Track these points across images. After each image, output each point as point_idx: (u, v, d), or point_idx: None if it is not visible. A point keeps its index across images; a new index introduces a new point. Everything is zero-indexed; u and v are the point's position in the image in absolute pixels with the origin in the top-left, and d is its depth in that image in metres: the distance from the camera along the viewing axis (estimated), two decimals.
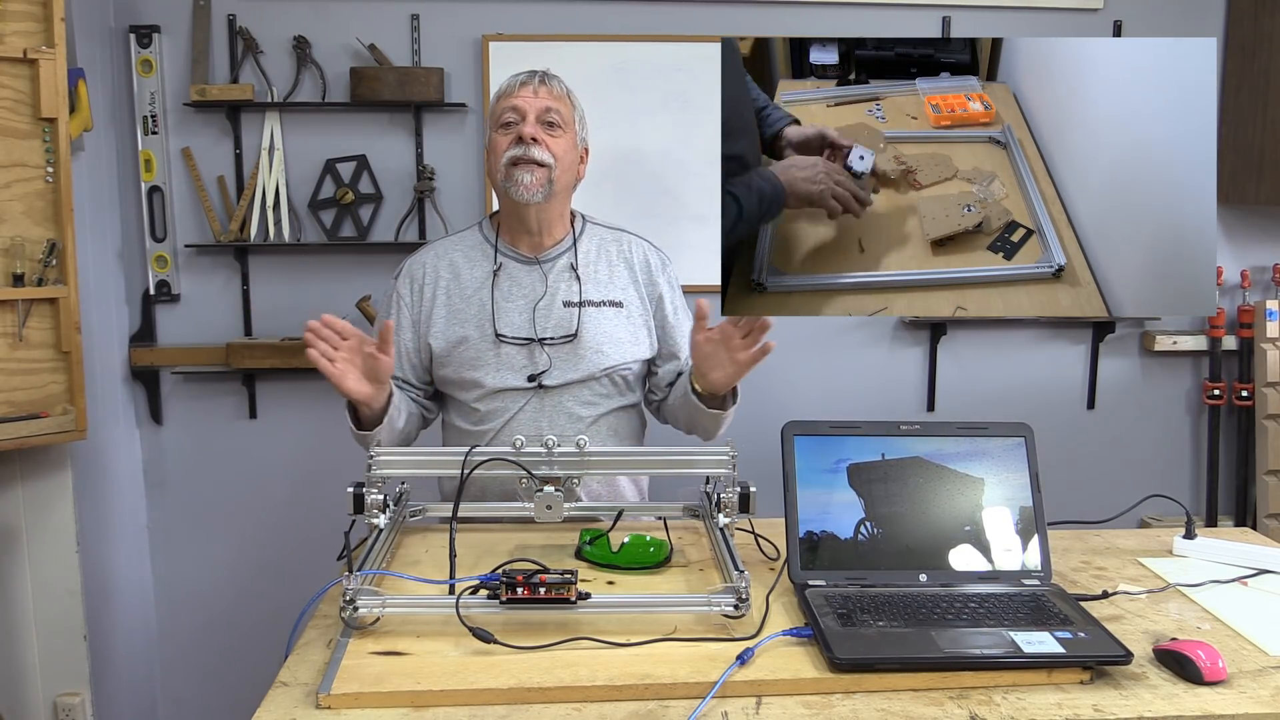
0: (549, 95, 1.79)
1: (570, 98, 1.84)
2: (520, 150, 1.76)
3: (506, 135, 1.79)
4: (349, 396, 1.68)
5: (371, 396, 1.68)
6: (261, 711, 1.12)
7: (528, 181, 1.76)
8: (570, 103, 1.84)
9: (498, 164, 1.79)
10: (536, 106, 1.78)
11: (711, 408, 1.77)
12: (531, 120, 1.77)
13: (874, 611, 1.29)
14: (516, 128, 1.77)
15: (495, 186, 1.84)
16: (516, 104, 1.78)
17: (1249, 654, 1.26)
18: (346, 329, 1.64)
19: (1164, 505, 1.88)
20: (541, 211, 1.81)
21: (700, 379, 1.75)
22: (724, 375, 1.70)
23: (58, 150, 2.01)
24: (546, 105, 1.78)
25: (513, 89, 1.80)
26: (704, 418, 1.79)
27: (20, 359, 2.01)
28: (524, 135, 1.76)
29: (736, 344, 1.66)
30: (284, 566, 2.60)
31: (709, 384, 1.73)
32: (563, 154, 1.79)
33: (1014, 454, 1.47)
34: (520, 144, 1.76)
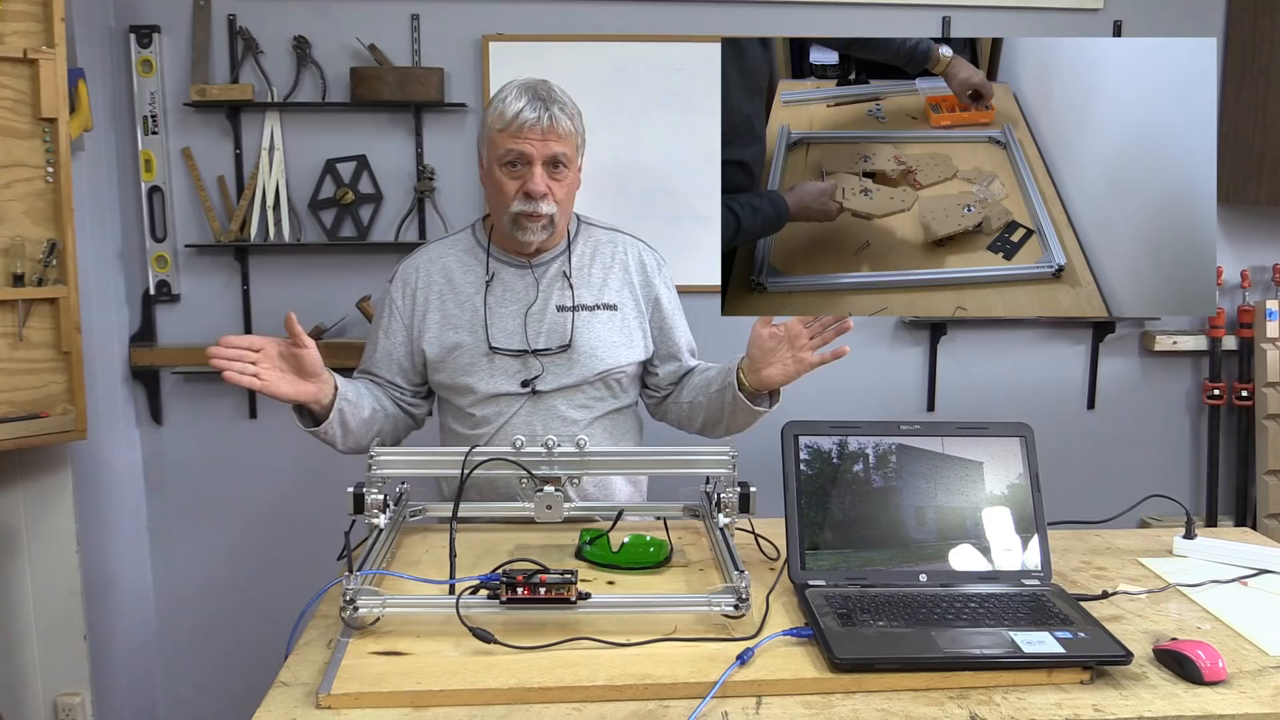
0: (556, 137, 1.70)
1: (574, 120, 1.74)
2: (529, 206, 1.71)
3: (511, 178, 1.72)
4: (291, 400, 1.63)
5: (315, 394, 1.64)
6: (261, 711, 1.12)
7: (534, 229, 1.74)
8: (576, 128, 1.75)
9: (502, 205, 1.74)
10: (544, 154, 1.70)
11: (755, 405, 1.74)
12: (539, 173, 1.70)
13: (874, 611, 1.29)
14: (522, 172, 1.71)
15: (494, 215, 1.81)
16: (524, 150, 1.69)
17: (1249, 654, 1.26)
18: (254, 341, 1.60)
19: (1164, 505, 1.88)
20: (541, 243, 1.80)
21: (751, 373, 1.70)
22: (781, 373, 1.67)
23: (58, 150, 2.01)
24: (553, 150, 1.70)
25: (520, 127, 1.68)
26: (742, 414, 1.75)
27: (20, 359, 2.01)
28: (532, 193, 1.70)
29: (802, 343, 1.64)
30: (284, 566, 2.60)
31: (760, 380, 1.69)
32: (567, 195, 1.76)
33: (1014, 454, 1.47)
34: (529, 199, 1.71)
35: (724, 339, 2.31)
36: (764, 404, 1.75)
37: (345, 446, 1.76)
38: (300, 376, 1.64)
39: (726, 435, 1.83)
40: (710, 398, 1.81)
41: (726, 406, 1.77)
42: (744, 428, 1.80)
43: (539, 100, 1.70)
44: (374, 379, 1.86)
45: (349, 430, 1.73)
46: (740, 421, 1.79)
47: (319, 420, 1.70)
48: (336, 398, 1.68)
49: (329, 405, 1.67)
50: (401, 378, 1.86)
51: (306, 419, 1.71)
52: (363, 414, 1.75)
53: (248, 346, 1.59)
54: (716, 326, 2.00)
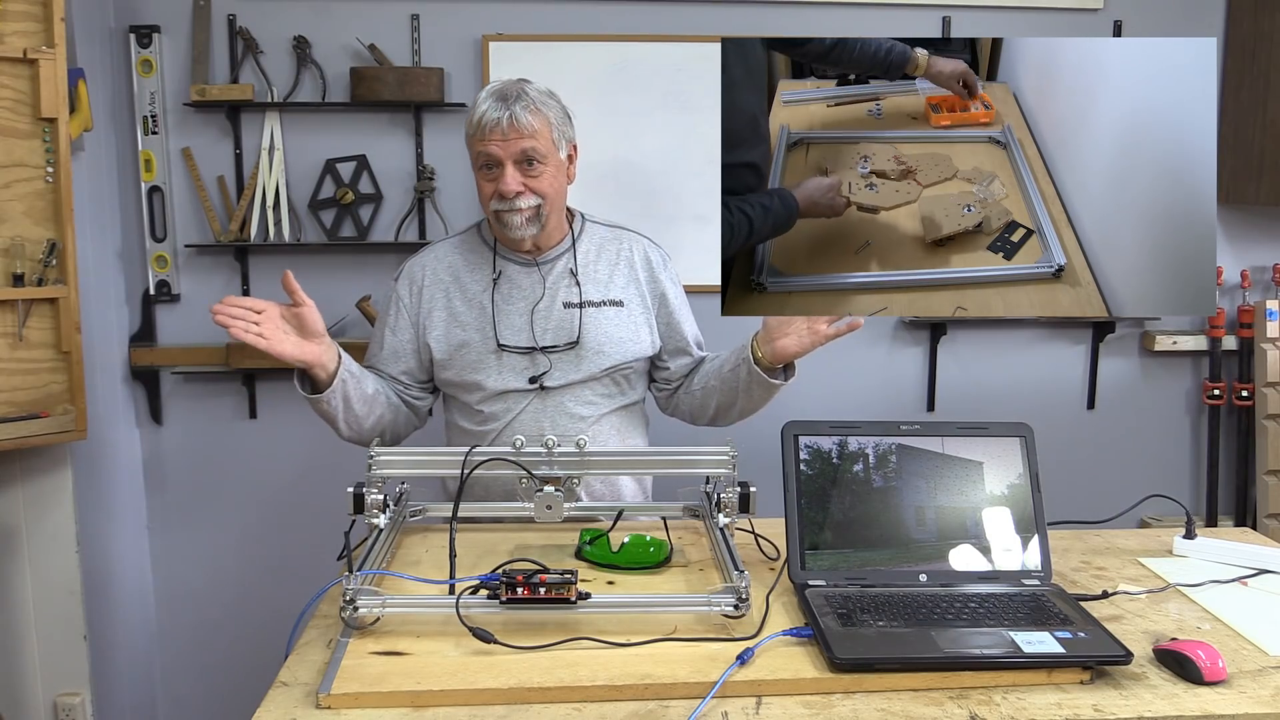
0: (518, 133, 1.70)
1: (544, 112, 1.74)
2: (504, 205, 1.74)
3: (488, 180, 1.75)
4: (296, 361, 1.63)
5: (318, 355, 1.64)
6: (261, 711, 1.12)
7: (518, 222, 1.75)
8: (546, 119, 1.74)
9: (485, 206, 1.78)
10: (510, 152, 1.72)
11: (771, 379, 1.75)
12: (509, 171, 1.72)
13: (874, 611, 1.29)
14: (495, 173, 1.73)
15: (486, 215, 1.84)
16: (490, 151, 1.72)
17: (1249, 654, 1.26)
18: (256, 303, 1.60)
19: (1164, 505, 1.88)
20: (536, 237, 1.80)
21: (766, 344, 1.72)
22: (796, 344, 1.69)
23: (58, 150, 2.01)
24: (520, 148, 1.71)
25: (485, 130, 1.71)
26: (758, 389, 1.76)
27: (20, 359, 2.01)
28: (504, 193, 1.73)
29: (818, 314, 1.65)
30: (284, 566, 2.60)
31: (775, 351, 1.71)
32: (548, 186, 1.76)
33: (1014, 454, 1.47)
34: (503, 199, 1.74)
35: (724, 339, 2.31)
36: (780, 377, 1.76)
37: (346, 424, 1.74)
38: (303, 338, 1.64)
39: (740, 419, 1.84)
40: (724, 379, 1.82)
41: (741, 385, 1.78)
42: (759, 406, 1.81)
43: (501, 101, 1.72)
44: (378, 374, 1.86)
45: (350, 406, 1.72)
46: (756, 399, 1.80)
47: (320, 389, 1.69)
48: (340, 367, 1.68)
49: (333, 373, 1.67)
50: (406, 375, 1.86)
51: (307, 386, 1.71)
52: (366, 390, 1.74)
53: (250, 306, 1.60)
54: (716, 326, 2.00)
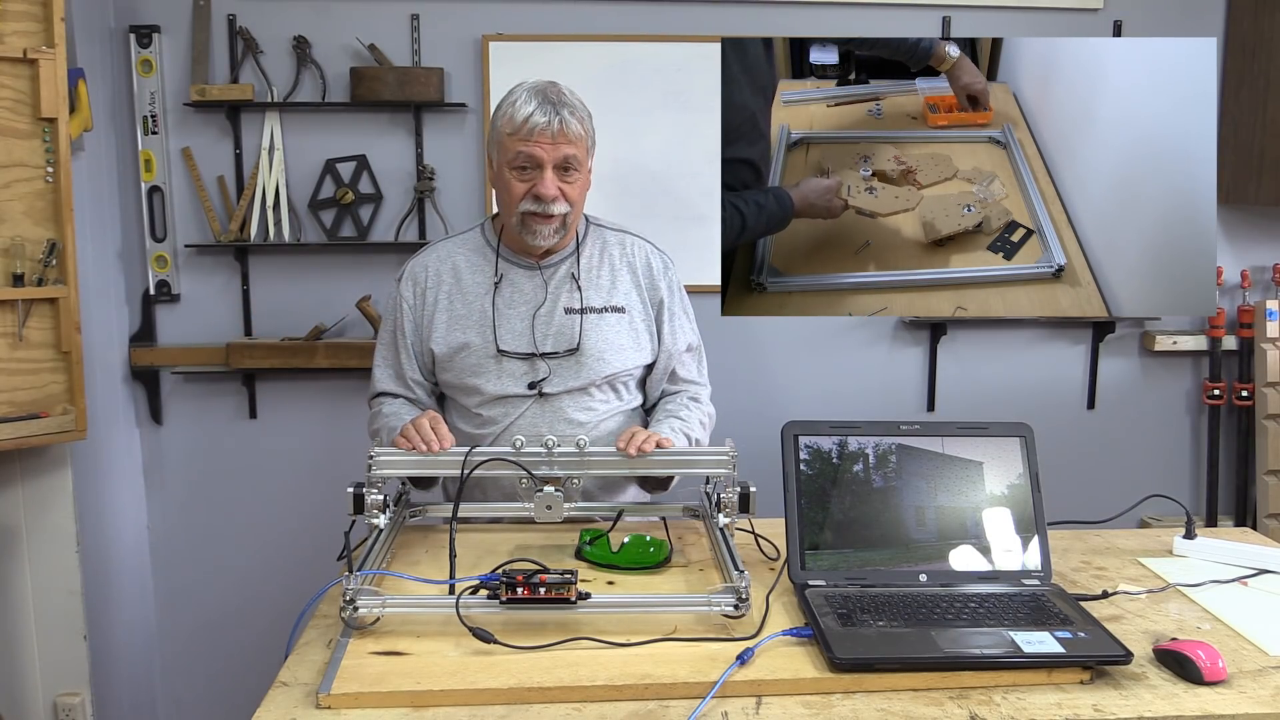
0: (566, 140, 1.69)
1: (586, 122, 1.73)
2: (538, 207, 1.71)
3: (521, 180, 1.71)
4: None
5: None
6: (261, 711, 1.12)
7: (545, 232, 1.74)
8: (587, 129, 1.74)
9: (511, 207, 1.74)
10: (554, 156, 1.69)
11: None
12: (550, 176, 1.69)
13: (874, 611, 1.29)
14: (532, 175, 1.71)
15: (504, 216, 1.80)
16: (534, 153, 1.68)
17: (1249, 654, 1.26)
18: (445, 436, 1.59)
19: (1164, 505, 1.88)
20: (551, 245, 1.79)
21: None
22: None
23: (58, 150, 2.01)
24: (564, 153, 1.69)
25: (530, 131, 1.68)
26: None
27: (20, 359, 2.00)
28: (543, 195, 1.70)
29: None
30: (284, 566, 2.60)
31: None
32: (578, 195, 1.75)
33: (1014, 454, 1.47)
34: (538, 201, 1.71)
35: (724, 339, 2.32)
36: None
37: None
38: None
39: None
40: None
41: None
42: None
43: (549, 104, 1.69)
44: (409, 393, 1.85)
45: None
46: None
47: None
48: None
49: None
50: (425, 374, 1.86)
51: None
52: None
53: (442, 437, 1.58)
54: (717, 326, 2.01)
